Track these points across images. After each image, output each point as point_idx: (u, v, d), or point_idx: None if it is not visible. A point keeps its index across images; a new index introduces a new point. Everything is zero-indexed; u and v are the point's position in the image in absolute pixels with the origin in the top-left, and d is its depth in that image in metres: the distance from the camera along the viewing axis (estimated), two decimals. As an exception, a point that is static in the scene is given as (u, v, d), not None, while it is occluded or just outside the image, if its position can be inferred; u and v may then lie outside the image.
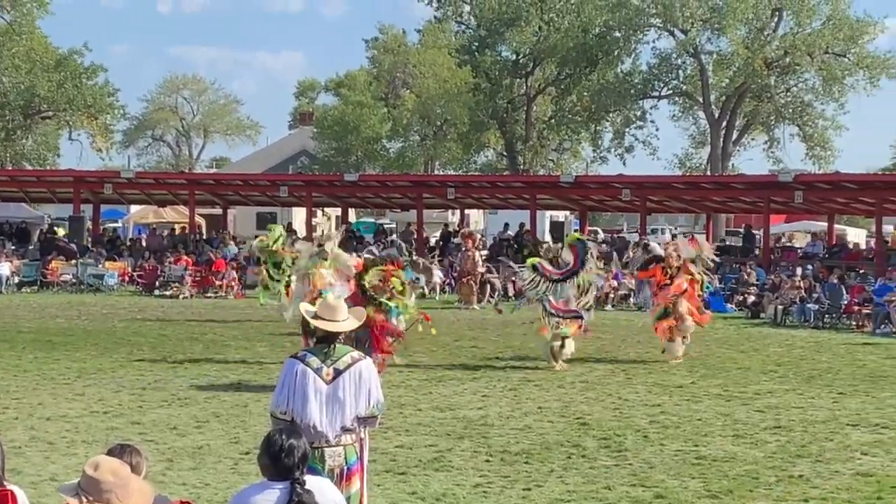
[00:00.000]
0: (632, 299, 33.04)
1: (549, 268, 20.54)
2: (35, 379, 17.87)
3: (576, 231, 42.88)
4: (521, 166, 61.35)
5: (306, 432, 7.42)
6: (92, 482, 4.72)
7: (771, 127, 59.62)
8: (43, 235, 44.05)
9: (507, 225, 44.70)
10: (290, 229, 45.80)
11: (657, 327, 21.30)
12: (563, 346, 19.92)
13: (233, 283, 35.44)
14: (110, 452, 5.34)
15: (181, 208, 49.36)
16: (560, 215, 55.13)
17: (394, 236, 43.49)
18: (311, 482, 5.47)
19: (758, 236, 42.98)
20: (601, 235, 52.19)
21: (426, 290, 30.57)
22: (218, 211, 49.93)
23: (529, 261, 21.22)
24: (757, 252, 40.24)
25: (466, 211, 49.96)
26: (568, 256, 20.70)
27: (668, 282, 21.33)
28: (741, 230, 59.41)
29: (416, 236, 41.68)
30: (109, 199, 47.35)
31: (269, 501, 5.36)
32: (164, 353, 21.39)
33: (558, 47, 57.78)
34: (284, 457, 5.42)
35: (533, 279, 20.42)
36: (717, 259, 24.29)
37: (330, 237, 20.02)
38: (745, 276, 33.39)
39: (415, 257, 26.72)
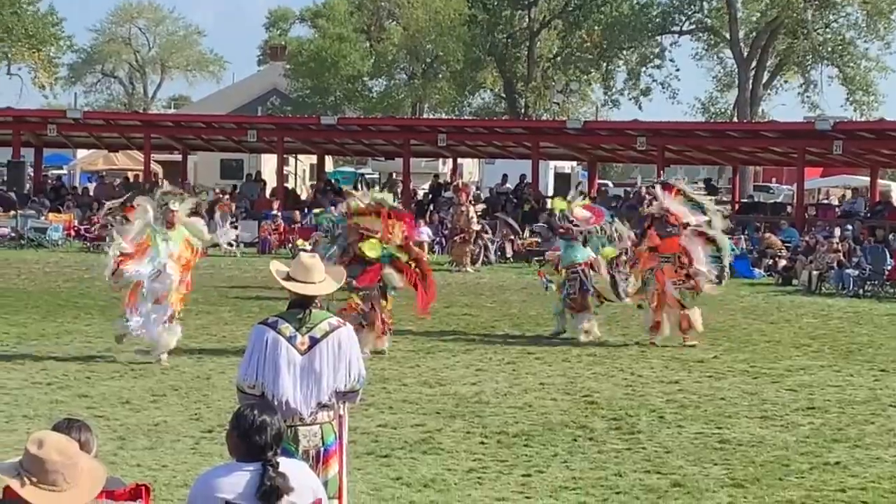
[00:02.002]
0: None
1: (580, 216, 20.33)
2: (-32, 346, 17.88)
3: (580, 183, 42.92)
4: (522, 110, 61.21)
5: (278, 408, 7.43)
6: (36, 461, 4.70)
7: (807, 68, 59.45)
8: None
9: (505, 176, 44.63)
10: (257, 179, 45.88)
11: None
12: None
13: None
14: (56, 428, 5.32)
15: (135, 154, 49.18)
16: (566, 166, 55.02)
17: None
18: (285, 465, 5.47)
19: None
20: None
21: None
22: (177, 157, 49.74)
23: (557, 204, 20.96)
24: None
25: (459, 160, 49.82)
26: (583, 213, 20.39)
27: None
28: (771, 185, 59.40)
29: (401, 188, 41.58)
30: (53, 143, 47.15)
31: (238, 485, 5.35)
32: (115, 317, 21.32)
33: (566, -26, 57.60)
34: (256, 435, 5.41)
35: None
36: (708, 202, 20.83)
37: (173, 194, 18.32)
38: (765, 240, 33.21)
39: None
